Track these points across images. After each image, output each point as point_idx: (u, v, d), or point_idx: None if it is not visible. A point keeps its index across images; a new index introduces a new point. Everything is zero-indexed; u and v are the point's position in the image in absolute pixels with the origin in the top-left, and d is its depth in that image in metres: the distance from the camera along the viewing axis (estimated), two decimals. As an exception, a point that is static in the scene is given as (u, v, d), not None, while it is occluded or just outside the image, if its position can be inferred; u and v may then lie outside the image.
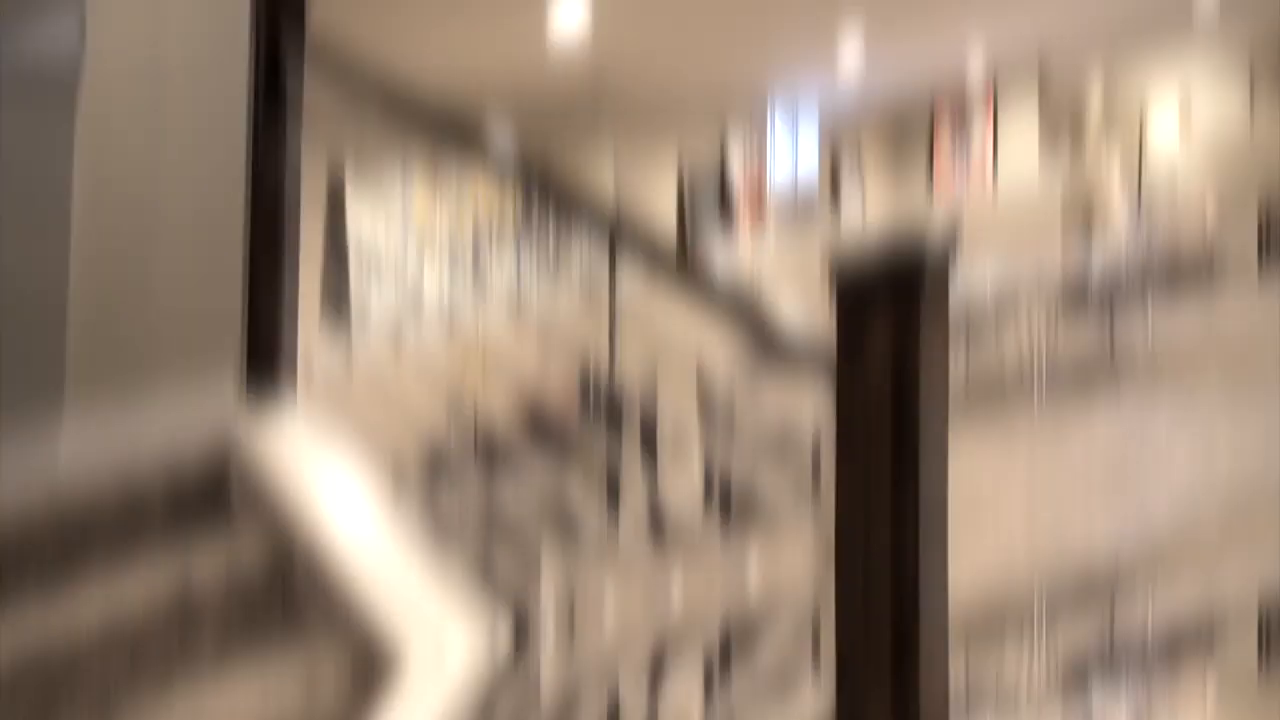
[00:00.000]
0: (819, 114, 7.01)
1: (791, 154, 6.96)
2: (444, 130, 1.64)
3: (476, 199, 4.10)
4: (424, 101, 1.63)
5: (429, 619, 1.51)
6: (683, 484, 5.10)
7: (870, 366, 0.99)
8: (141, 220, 1.98)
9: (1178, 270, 8.26)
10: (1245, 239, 9.18)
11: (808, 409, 4.50)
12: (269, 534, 1.62)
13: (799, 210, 6.47)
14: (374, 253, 3.52)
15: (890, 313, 0.96)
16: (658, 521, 4.36)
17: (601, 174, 4.82)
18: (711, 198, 5.81)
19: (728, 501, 4.14)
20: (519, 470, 3.95)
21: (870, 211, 7.54)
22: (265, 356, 1.80)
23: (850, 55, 5.74)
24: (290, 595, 1.61)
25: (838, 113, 7.30)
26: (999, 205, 7.74)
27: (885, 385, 0.99)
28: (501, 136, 4.71)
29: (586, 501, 3.66)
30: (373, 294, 3.55)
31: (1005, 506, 3.68)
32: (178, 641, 1.44)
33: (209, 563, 1.50)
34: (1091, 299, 5.15)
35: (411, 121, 1.67)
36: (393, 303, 3.61)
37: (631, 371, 4.65)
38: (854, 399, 1.01)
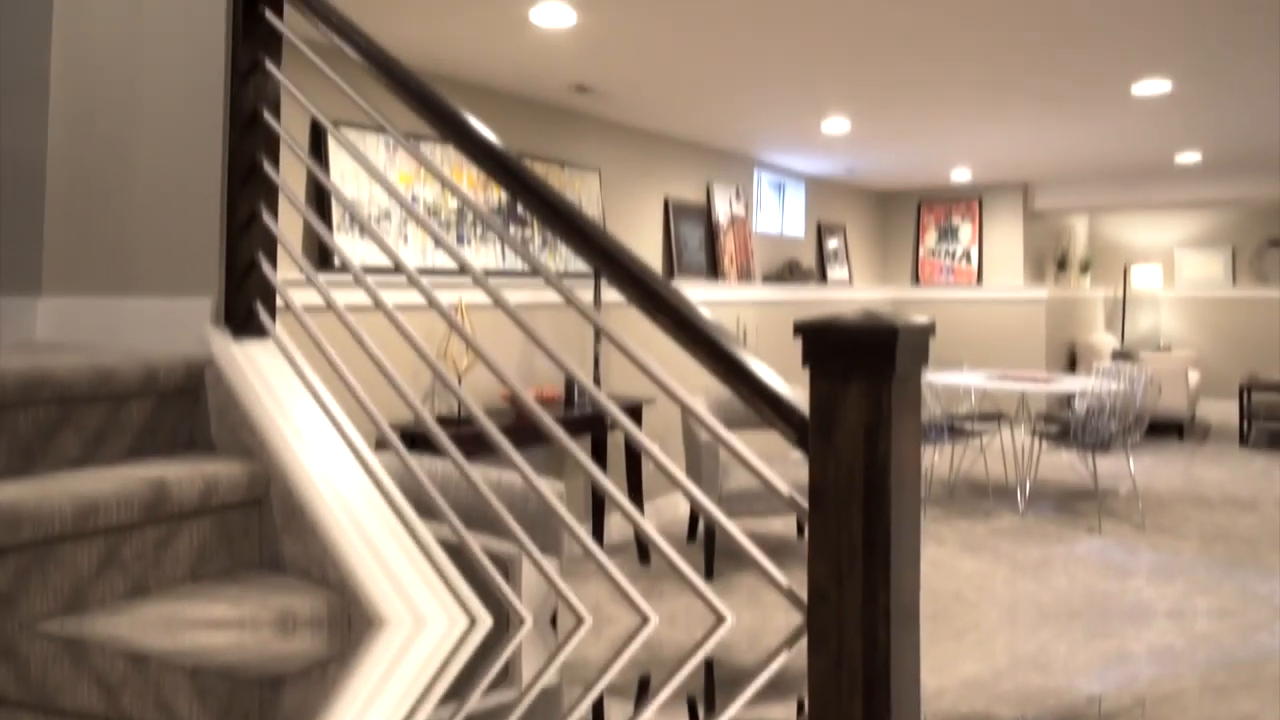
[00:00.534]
0: (807, 185, 7.11)
1: (779, 215, 7.02)
2: (423, 104, 1.55)
3: (463, 176, 4.07)
4: (403, 69, 1.60)
5: (408, 586, 1.54)
6: (668, 517, 5.17)
7: (842, 439, 1.03)
8: (122, 116, 2.00)
9: (1161, 423, 8.37)
10: (1227, 406, 9.36)
11: (792, 466, 4.61)
12: (245, 458, 1.63)
13: (785, 272, 6.55)
14: (357, 207, 3.55)
15: (863, 387, 1.01)
16: (641, 548, 4.43)
17: (589, 186, 4.80)
18: (698, 241, 5.74)
19: (711, 544, 4.19)
20: (500, 462, 3.99)
21: (856, 287, 7.67)
22: (244, 281, 1.79)
23: (837, 146, 5.83)
24: (267, 524, 1.65)
25: (827, 188, 7.45)
26: (983, 314, 7.83)
27: (858, 458, 1.03)
28: (484, 125, 4.62)
29: (569, 513, 3.70)
30: (354, 248, 3.53)
31: (988, 616, 3.70)
32: (153, 547, 1.48)
33: (186, 474, 1.52)
34: (1075, 430, 5.17)
35: (390, 87, 1.61)
36: (373, 260, 3.58)
37: (615, 392, 4.72)
38: (826, 469, 1.05)
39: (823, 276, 7.32)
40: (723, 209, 5.89)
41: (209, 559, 1.60)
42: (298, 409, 1.69)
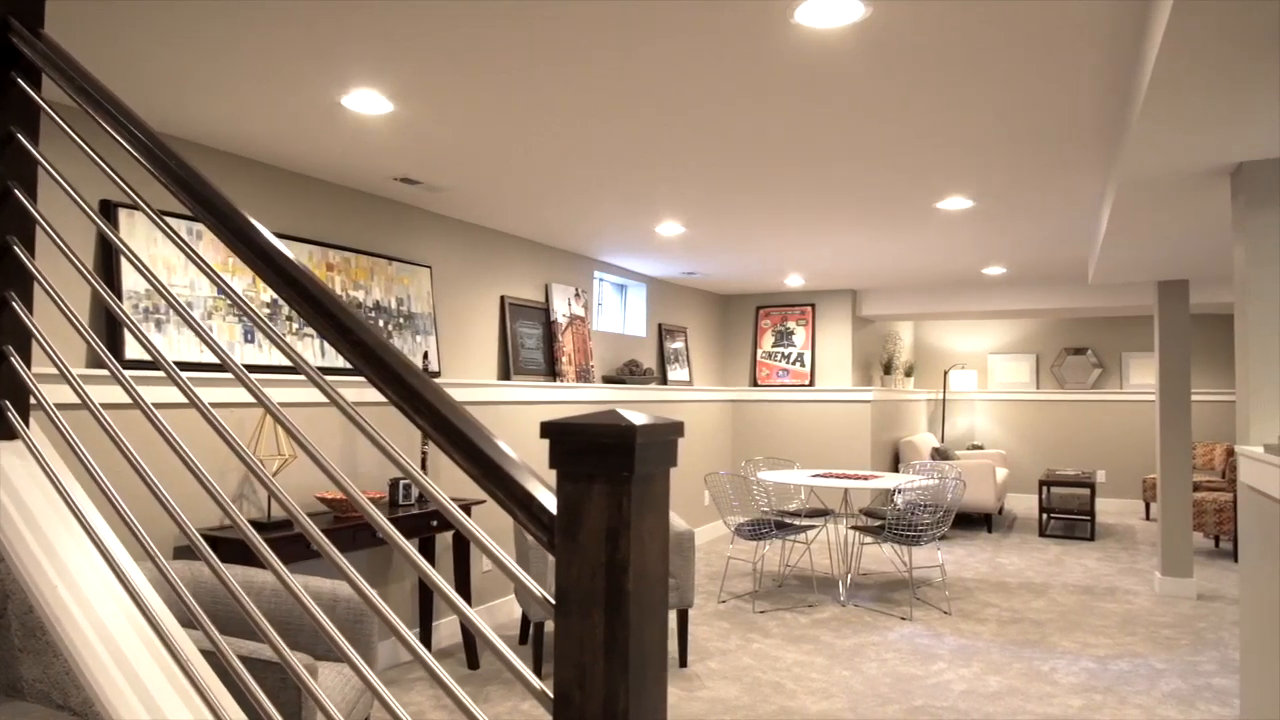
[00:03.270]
0: (649, 287, 7.36)
1: (621, 315, 7.24)
2: (177, 184, 1.44)
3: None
4: (158, 141, 1.49)
5: (164, 707, 1.43)
6: (501, 619, 5.00)
7: (586, 540, 1.05)
8: None
9: (972, 516, 8.98)
10: (1030, 499, 10.22)
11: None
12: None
13: (625, 372, 6.61)
14: (155, 295, 3.29)
15: (605, 488, 1.03)
16: (470, 652, 4.25)
17: (420, 282, 4.76)
18: (535, 341, 5.73)
19: (540, 645, 4.08)
20: (325, 569, 3.81)
21: (696, 387, 7.91)
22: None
23: (673, 249, 6.11)
24: (5, 646, 1.49)
25: (669, 290, 7.76)
26: (814, 414, 8.25)
27: (600, 560, 1.05)
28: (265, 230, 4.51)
29: (396, 617, 3.50)
30: (151, 339, 3.32)
31: (803, 704, 3.76)
32: None
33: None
34: (890, 524, 5.46)
35: (145, 160, 1.50)
36: (185, 355, 3.37)
37: (445, 493, 4.63)
38: (571, 571, 1.06)
39: (663, 377, 7.48)
40: (561, 308, 5.97)
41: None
42: (47, 518, 1.56)
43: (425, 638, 4.45)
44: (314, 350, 3.97)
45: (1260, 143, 2.83)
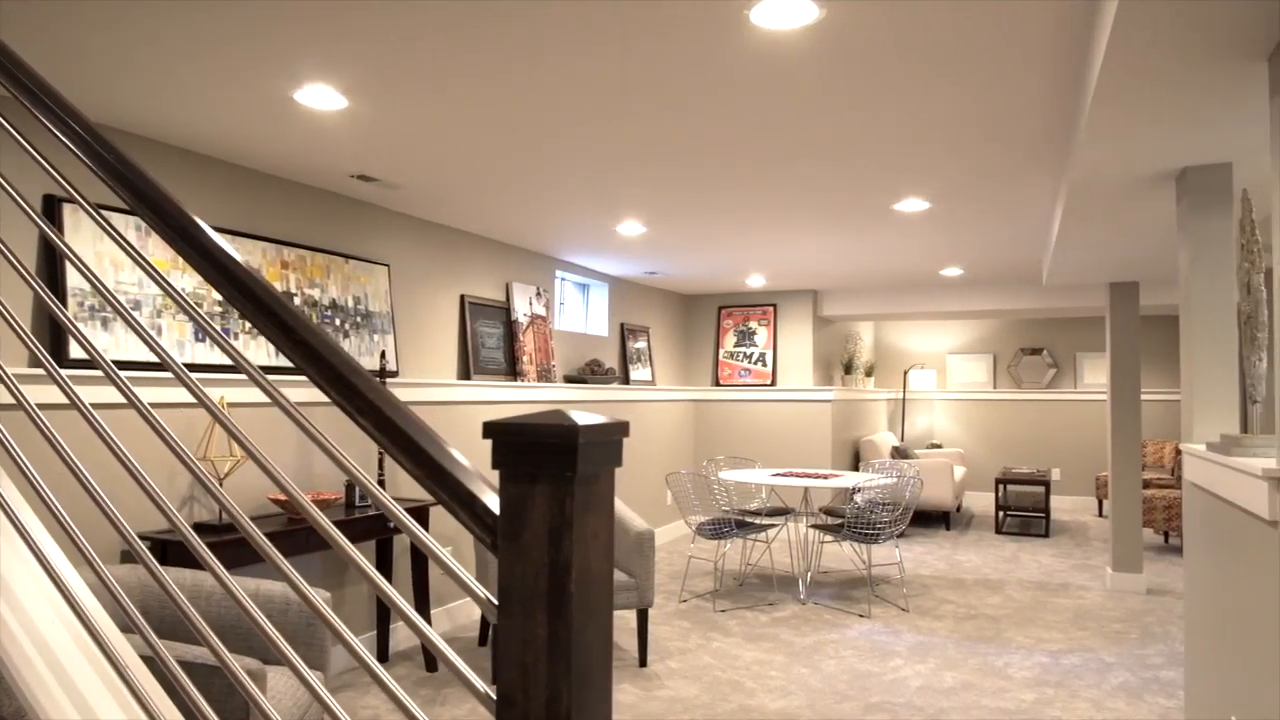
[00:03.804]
0: (611, 286, 7.35)
1: (584, 314, 7.21)
2: (141, 200, 1.40)
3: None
4: (89, 129, 1.45)
5: (102, 714, 1.40)
6: (461, 621, 4.98)
7: (529, 541, 1.04)
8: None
9: (931, 514, 9.11)
10: (988, 496, 10.39)
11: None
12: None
13: (587, 371, 6.58)
14: (103, 293, 3.27)
15: (547, 488, 1.02)
16: (429, 654, 4.22)
17: (377, 280, 4.70)
18: (496, 340, 5.69)
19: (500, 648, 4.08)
20: (269, 571, 3.76)
21: (658, 387, 7.93)
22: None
23: (634, 249, 6.11)
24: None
25: (632, 289, 7.77)
26: (776, 413, 8.32)
27: (542, 560, 1.05)
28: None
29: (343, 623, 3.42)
30: (99, 339, 3.20)
31: (762, 702, 3.78)
32: None
33: None
34: (849, 523, 5.51)
35: (102, 170, 1.45)
36: (131, 354, 3.28)
37: (402, 495, 4.59)
38: (514, 571, 1.05)
39: (626, 377, 7.47)
40: (522, 308, 5.94)
41: None
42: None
43: (384, 640, 4.41)
44: (268, 350, 3.91)
45: (1203, 148, 2.90)
